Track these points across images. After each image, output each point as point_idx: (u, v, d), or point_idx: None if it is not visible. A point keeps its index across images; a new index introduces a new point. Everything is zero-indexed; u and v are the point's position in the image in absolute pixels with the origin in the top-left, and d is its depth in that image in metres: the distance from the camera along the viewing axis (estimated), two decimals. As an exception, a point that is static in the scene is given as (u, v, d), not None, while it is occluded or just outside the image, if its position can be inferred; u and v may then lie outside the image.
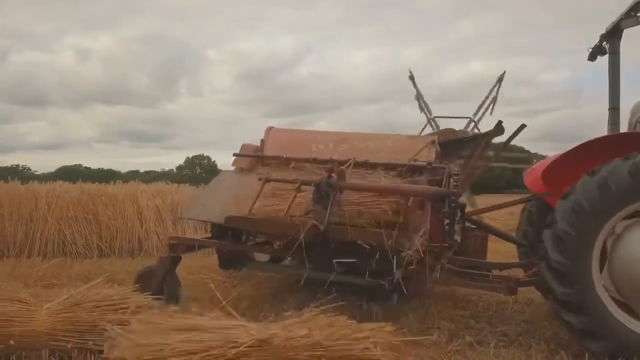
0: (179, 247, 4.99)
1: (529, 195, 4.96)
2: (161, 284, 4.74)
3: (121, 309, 3.40)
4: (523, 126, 4.25)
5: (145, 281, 4.72)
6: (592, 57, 5.01)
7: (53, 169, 61.40)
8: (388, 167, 4.36)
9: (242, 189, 4.62)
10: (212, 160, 70.42)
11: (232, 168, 5.33)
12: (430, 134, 6.70)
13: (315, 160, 4.58)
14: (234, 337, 2.72)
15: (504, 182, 38.49)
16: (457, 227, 4.17)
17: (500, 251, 7.24)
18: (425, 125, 7.49)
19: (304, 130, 5.71)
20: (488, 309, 4.84)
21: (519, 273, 4.66)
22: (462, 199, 4.31)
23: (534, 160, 7.01)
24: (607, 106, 4.82)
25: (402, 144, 4.78)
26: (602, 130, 4.71)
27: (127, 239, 8.80)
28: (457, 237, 4.28)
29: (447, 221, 3.86)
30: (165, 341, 2.72)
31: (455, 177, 3.91)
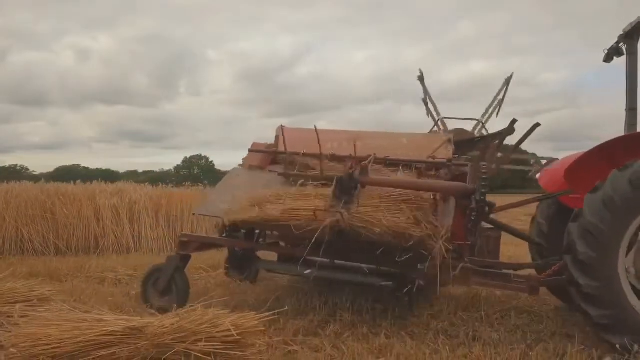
0: (190, 245, 4.76)
1: (542, 193, 4.92)
2: (169, 282, 4.54)
3: (23, 301, 3.61)
4: (537, 125, 4.23)
5: (154, 280, 4.61)
6: (608, 58, 4.89)
7: (52, 169, 61.17)
8: (408, 164, 4.30)
9: (258, 186, 4.53)
10: (210, 160, 70.98)
11: (232, 167, 5.21)
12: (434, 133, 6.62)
13: (334, 157, 4.50)
14: (110, 326, 2.95)
15: (499, 181, 38.57)
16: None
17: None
18: (434, 126, 7.48)
19: (317, 129, 5.73)
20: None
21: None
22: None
23: (532, 161, 7.06)
24: (608, 106, 4.97)
25: (418, 142, 4.77)
26: (602, 130, 4.78)
27: (83, 237, 8.98)
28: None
29: (472, 219, 3.80)
30: (46, 331, 2.93)
31: (483, 175, 3.86)
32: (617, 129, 4.97)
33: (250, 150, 5.08)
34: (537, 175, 5.62)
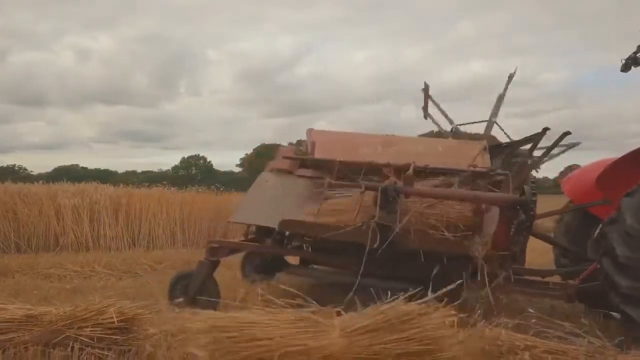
0: (221, 251, 4.62)
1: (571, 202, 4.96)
2: (200, 289, 4.36)
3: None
4: (567, 133, 4.28)
5: (182, 286, 4.46)
6: (625, 68, 4.82)
7: (50, 169, 60.86)
8: (448, 172, 4.25)
9: (295, 192, 4.52)
10: (208, 160, 71.05)
11: (230, 167, 5.24)
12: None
13: (371, 164, 4.43)
14: (9, 314, 3.29)
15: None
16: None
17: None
18: (478, 122, 7.55)
19: (348, 132, 5.56)
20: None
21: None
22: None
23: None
24: (608, 106, 4.99)
25: (453, 148, 4.79)
26: (602, 130, 4.84)
27: (43, 235, 9.28)
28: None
29: (519, 229, 3.79)
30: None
31: (532, 185, 3.87)
32: (617, 129, 5.07)
33: (284, 157, 4.90)
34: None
